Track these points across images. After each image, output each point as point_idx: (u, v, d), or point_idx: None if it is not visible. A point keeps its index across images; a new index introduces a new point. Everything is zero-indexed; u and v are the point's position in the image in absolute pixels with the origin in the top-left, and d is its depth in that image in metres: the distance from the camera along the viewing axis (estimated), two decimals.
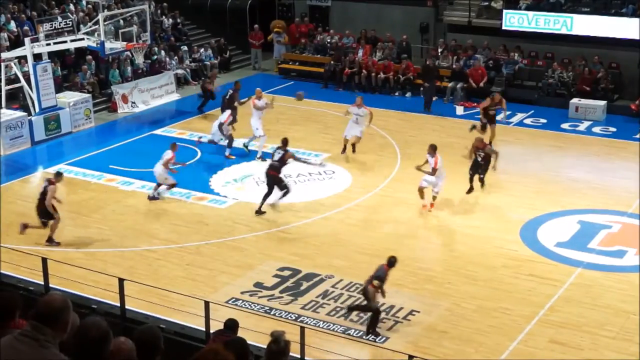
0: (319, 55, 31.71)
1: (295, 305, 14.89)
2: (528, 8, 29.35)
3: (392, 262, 14.10)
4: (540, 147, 23.56)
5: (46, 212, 16.92)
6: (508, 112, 23.87)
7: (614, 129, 25.13)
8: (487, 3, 30.61)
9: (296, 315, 14.50)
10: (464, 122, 25.89)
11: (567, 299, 15.04)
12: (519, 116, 26.39)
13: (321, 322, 14.29)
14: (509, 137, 24.83)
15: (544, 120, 25.91)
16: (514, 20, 29.17)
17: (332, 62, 30.24)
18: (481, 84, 28.05)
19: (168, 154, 19.34)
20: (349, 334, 13.90)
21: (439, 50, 30.23)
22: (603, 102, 26.46)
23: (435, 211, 18.73)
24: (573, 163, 22.55)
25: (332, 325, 14.21)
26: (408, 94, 28.95)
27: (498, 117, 23.11)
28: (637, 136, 24.47)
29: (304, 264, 16.22)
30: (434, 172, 18.35)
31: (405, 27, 31.93)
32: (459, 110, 26.96)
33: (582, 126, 25.47)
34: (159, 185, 19.60)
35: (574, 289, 15.43)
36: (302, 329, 12.32)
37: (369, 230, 18.01)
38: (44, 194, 16.83)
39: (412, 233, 18.19)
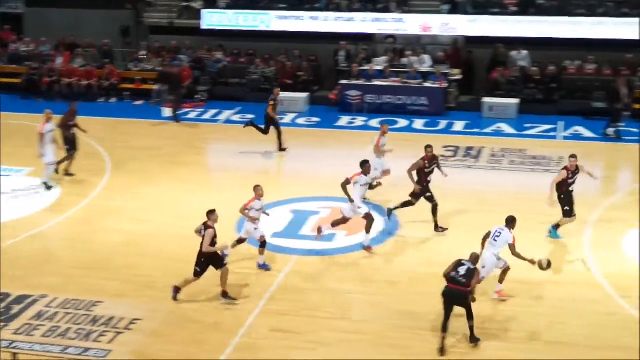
0: (14, 65, 30.04)
1: (6, 331, 13.93)
2: (228, 7, 29.80)
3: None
4: (249, 142, 23.97)
5: (205, 262, 14.56)
6: (215, 111, 23.93)
7: (317, 119, 26.24)
8: (186, 3, 30.68)
9: (9, 342, 13.57)
10: (172, 124, 25.79)
11: (285, 287, 15.36)
12: (226, 114, 26.73)
13: (37, 345, 13.49)
14: (219, 135, 25.12)
15: (251, 116, 26.35)
16: (214, 19, 29.51)
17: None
18: (187, 84, 28.03)
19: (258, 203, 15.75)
20: (67, 353, 13.24)
21: (142, 53, 29.83)
22: (305, 94, 27.51)
23: (145, 215, 18.37)
24: (282, 154, 23.15)
25: (49, 346, 13.47)
26: (113, 100, 28.30)
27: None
28: (337, 124, 25.76)
29: (14, 287, 15.20)
30: (513, 250, 14.36)
31: (106, 31, 31.23)
32: (166, 112, 26.77)
33: (287, 118, 26.32)
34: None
35: (292, 276, 15.80)
36: (15, 355, 11.54)
37: (82, 243, 17.30)
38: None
39: (127, 241, 17.69)
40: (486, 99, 26.63)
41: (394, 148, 20.14)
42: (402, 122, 25.78)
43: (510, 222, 14.53)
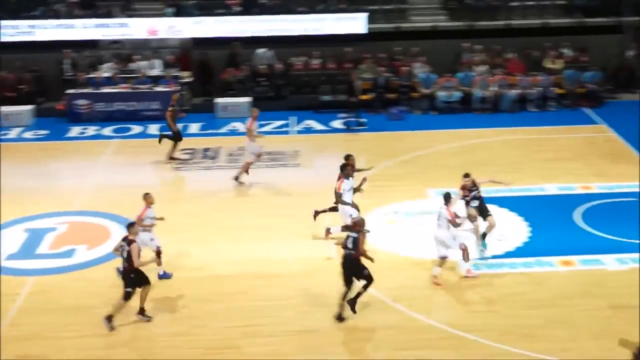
0: None
1: None
2: None
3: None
4: None
5: (135, 279, 13.67)
6: None
7: (45, 132, 25.06)
8: None
9: None
10: None
11: (26, 310, 14.53)
12: None
13: None
14: None
15: None
16: None
17: None
18: None
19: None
20: None
21: None
22: (29, 107, 26.20)
23: None
24: (13, 172, 21.85)
25: None
26: None
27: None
28: (68, 135, 24.80)
29: None
30: (454, 223, 15.03)
31: None
32: None
33: (13, 133, 24.93)
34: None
35: (33, 298, 14.99)
36: None
37: None
38: (128, 258, 13.57)
39: None
40: (219, 100, 26.76)
41: (131, 155, 19.67)
42: (136, 129, 25.27)
43: (447, 199, 15.08)
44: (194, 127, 25.38)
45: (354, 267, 13.93)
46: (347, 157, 17.41)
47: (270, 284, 15.44)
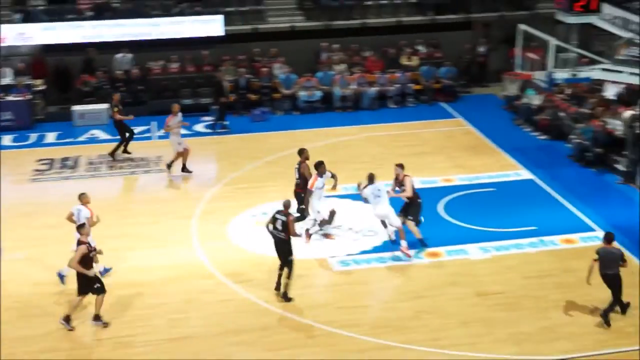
0: None
1: None
2: None
3: None
4: None
5: (85, 282, 13.68)
6: None
7: None
8: None
9: None
10: None
11: None
12: None
13: None
14: None
15: None
16: None
17: None
18: None
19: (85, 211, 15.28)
20: None
21: None
22: None
23: None
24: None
25: None
26: None
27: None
28: None
29: None
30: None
31: None
32: None
33: None
34: None
35: None
36: None
37: None
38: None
39: None
40: (76, 107, 25.88)
41: None
42: None
43: (371, 179, 16.31)
44: (51, 137, 24.50)
45: (284, 249, 14.56)
46: (301, 151, 17.56)
47: (138, 292, 15.07)
